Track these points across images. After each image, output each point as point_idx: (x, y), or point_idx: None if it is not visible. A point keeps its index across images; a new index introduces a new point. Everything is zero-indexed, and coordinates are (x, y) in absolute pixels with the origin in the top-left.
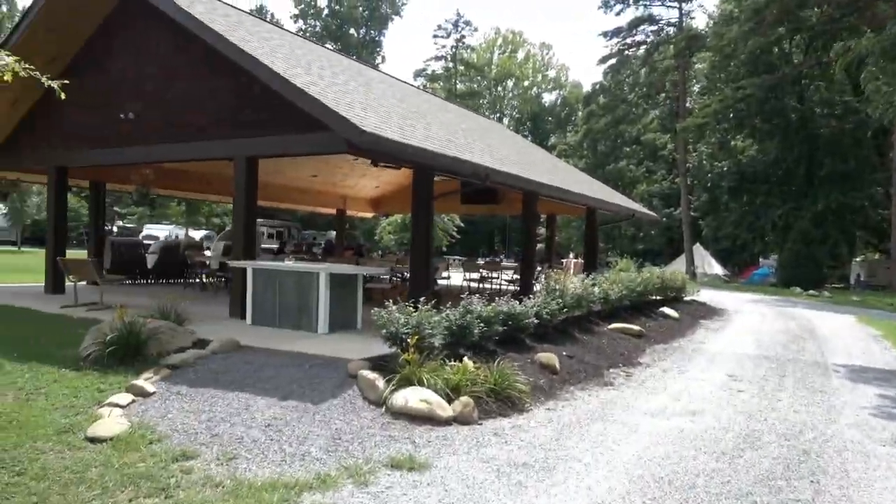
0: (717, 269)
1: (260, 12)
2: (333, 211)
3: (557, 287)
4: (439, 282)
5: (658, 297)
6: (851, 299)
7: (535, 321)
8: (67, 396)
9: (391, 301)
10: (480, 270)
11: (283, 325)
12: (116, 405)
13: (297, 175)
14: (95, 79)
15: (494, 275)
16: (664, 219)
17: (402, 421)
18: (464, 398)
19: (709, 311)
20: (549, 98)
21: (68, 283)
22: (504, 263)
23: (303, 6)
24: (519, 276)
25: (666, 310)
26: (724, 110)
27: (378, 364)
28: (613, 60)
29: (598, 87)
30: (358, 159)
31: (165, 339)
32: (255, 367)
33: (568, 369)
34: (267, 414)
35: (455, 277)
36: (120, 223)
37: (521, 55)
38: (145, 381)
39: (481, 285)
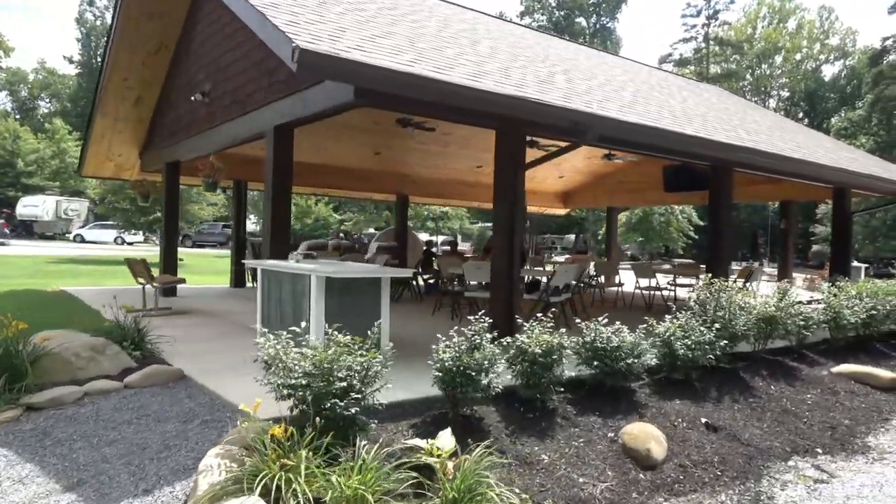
0: None
1: (501, 17)
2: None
3: (724, 301)
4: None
5: None
6: None
7: (653, 362)
8: None
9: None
10: (656, 275)
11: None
12: None
13: (458, 166)
14: (186, 65)
15: (688, 281)
16: None
17: None
18: None
19: None
20: (830, 71)
21: (183, 286)
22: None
23: (528, 2)
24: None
25: None
26: None
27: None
28: None
29: (891, 41)
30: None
31: (79, 363)
32: (135, 415)
33: (687, 458)
34: None
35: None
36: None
37: (792, 25)
38: None
39: (656, 294)
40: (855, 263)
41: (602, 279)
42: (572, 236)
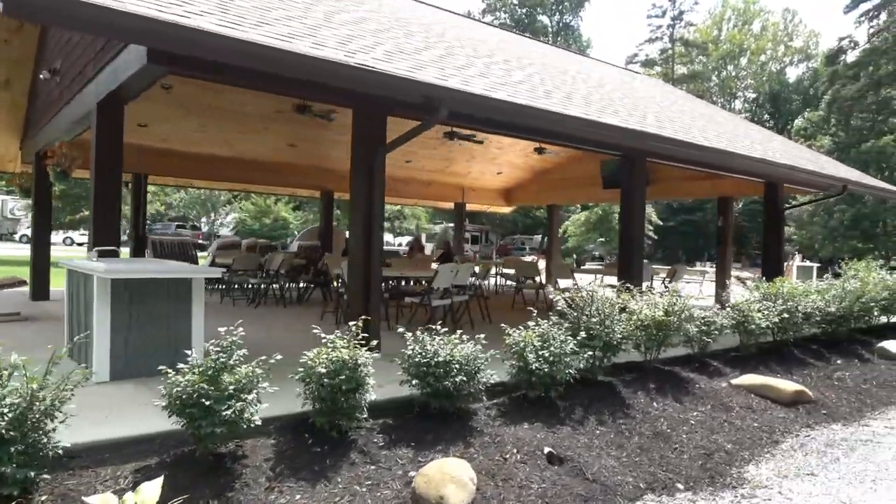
0: None
1: (468, 16)
2: (451, 205)
3: (602, 306)
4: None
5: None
6: None
7: (494, 379)
8: None
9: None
10: (573, 273)
11: (78, 357)
12: None
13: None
14: (48, 41)
15: (614, 280)
16: None
17: None
18: None
19: None
20: (794, 73)
21: (55, 289)
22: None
23: (491, 0)
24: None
25: (891, 345)
26: None
27: None
28: (869, 3)
29: (847, 41)
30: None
31: None
32: None
33: None
34: None
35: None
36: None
37: (756, 27)
38: None
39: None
40: (808, 263)
41: (540, 280)
42: (538, 237)
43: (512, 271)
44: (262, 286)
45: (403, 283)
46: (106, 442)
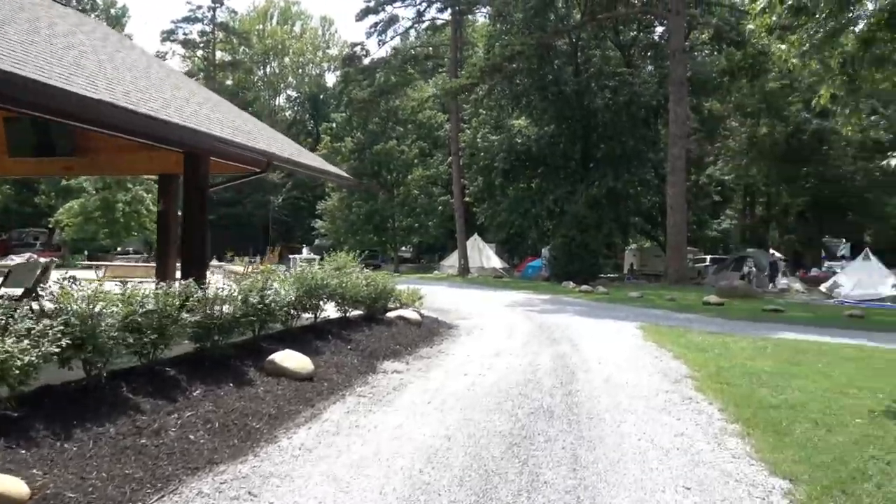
0: (495, 262)
1: None
2: None
3: None
4: None
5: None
6: (629, 296)
7: None
8: None
9: None
10: None
11: None
12: None
13: None
14: None
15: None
16: (437, 200)
17: None
18: None
19: (417, 337)
20: (331, 79)
21: None
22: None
23: None
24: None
25: (281, 357)
26: (493, 71)
27: None
28: (378, 17)
29: (360, 48)
30: None
31: None
32: None
33: None
34: None
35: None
36: None
37: (298, 29)
38: None
39: None
40: (312, 255)
41: None
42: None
43: None
44: None
45: None
46: None
